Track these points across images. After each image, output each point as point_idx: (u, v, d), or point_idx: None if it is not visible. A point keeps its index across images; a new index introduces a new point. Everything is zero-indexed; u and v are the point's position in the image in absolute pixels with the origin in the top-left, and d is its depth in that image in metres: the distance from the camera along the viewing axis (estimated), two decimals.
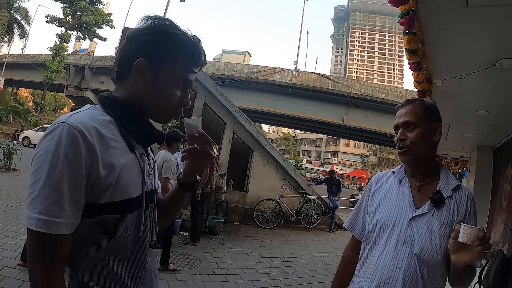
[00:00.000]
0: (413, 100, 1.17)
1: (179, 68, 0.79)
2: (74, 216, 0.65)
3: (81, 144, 0.64)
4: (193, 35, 0.81)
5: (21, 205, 5.07)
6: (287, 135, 61.70)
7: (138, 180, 0.77)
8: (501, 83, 1.93)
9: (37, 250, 0.64)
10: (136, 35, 0.78)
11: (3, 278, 2.64)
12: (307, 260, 5.00)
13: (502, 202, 2.89)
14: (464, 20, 1.43)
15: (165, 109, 0.81)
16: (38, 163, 0.64)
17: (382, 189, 1.21)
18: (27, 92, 44.26)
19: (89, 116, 0.71)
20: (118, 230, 0.72)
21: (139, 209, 0.77)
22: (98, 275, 0.71)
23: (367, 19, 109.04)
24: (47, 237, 0.62)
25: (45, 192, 0.62)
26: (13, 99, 29.80)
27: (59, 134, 0.64)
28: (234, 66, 21.87)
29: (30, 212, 0.62)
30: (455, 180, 1.11)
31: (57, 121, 0.67)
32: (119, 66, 0.80)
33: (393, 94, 19.82)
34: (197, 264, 3.95)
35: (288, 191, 7.43)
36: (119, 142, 0.73)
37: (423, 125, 1.11)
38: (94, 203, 0.68)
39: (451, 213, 1.05)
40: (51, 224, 0.62)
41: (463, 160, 5.56)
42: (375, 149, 49.01)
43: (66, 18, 24.37)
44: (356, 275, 1.18)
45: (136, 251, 0.78)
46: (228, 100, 6.94)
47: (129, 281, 0.76)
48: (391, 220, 1.10)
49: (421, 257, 1.03)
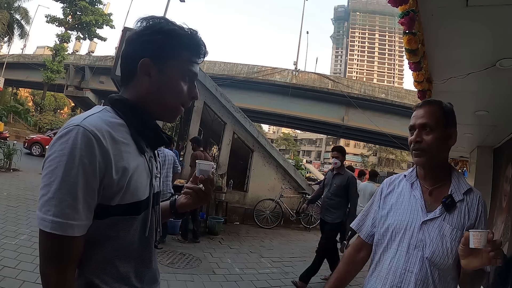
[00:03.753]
0: (432, 102, 1.15)
1: (182, 62, 0.80)
2: (87, 218, 0.66)
3: (96, 148, 0.65)
4: (190, 28, 0.82)
5: (21, 205, 5.07)
6: (287, 135, 61.68)
7: (147, 183, 0.79)
8: (501, 83, 1.93)
9: (50, 252, 0.65)
10: (135, 37, 0.78)
11: (3, 278, 2.64)
12: (307, 260, 4.97)
13: (502, 202, 2.89)
14: (464, 20, 1.43)
15: (175, 103, 0.82)
16: (52, 165, 0.64)
17: (394, 193, 1.21)
18: (27, 92, 44.22)
19: (102, 119, 0.71)
20: (126, 231, 0.74)
21: (146, 211, 0.79)
22: (105, 274, 0.72)
23: (367, 19, 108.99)
24: (61, 239, 0.63)
25: (60, 195, 0.63)
26: (13, 99, 29.78)
27: (74, 137, 0.64)
28: (234, 66, 21.85)
29: (43, 214, 0.63)
30: (466, 184, 1.11)
31: (70, 123, 0.67)
32: (123, 70, 0.81)
33: (393, 94, 19.82)
34: (197, 264, 3.95)
35: (288, 191, 7.43)
36: (130, 146, 0.74)
37: (440, 130, 1.09)
38: (105, 205, 0.69)
39: (462, 217, 1.05)
40: (66, 227, 0.63)
41: (463, 160, 5.56)
42: (375, 149, 49.02)
43: (66, 18, 24.34)
44: (369, 279, 1.19)
45: (142, 251, 0.80)
46: (228, 100, 6.94)
47: (135, 280, 0.78)
48: (403, 224, 1.10)
49: (432, 260, 1.03)
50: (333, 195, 3.85)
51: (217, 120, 7.05)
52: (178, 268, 3.66)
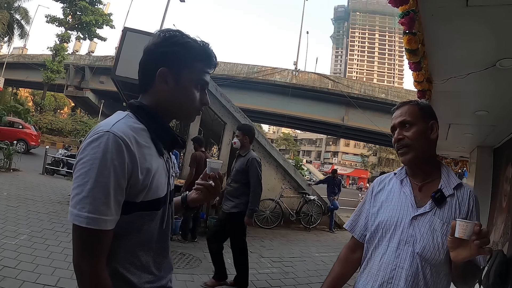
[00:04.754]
0: (407, 102, 1.19)
1: (196, 71, 0.89)
2: (117, 213, 0.75)
3: (125, 152, 0.74)
4: (202, 41, 0.91)
5: (21, 205, 5.07)
6: (287, 135, 61.72)
7: (165, 181, 0.88)
8: (501, 83, 1.93)
9: (85, 245, 0.73)
10: (153, 48, 0.87)
11: (3, 278, 2.64)
12: (307, 260, 5.00)
13: (502, 202, 2.89)
14: (464, 20, 1.43)
15: (190, 108, 0.91)
16: (85, 167, 0.72)
17: (384, 191, 1.22)
18: (27, 92, 44.26)
19: (127, 125, 0.79)
20: (148, 225, 0.83)
21: (164, 206, 0.88)
22: (129, 263, 0.81)
23: (367, 19, 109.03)
24: (96, 233, 0.71)
25: (94, 193, 0.70)
26: (13, 99, 29.74)
27: (105, 142, 0.72)
28: (234, 66, 21.86)
29: (78, 211, 0.71)
30: (456, 179, 1.11)
31: (99, 129, 0.76)
32: (141, 77, 0.90)
33: (393, 94, 19.84)
34: (197, 264, 3.95)
35: (288, 191, 7.43)
36: (151, 149, 0.83)
37: (419, 123, 1.12)
38: (131, 202, 0.78)
39: (453, 211, 1.05)
40: (100, 222, 0.71)
41: (463, 160, 5.56)
42: (375, 149, 49.01)
43: (66, 18, 24.35)
44: (360, 275, 1.19)
45: (160, 242, 0.89)
46: (228, 100, 6.94)
47: (154, 269, 0.87)
48: (393, 221, 1.11)
49: (423, 256, 1.03)
50: (232, 181, 3.31)
51: (217, 120, 7.05)
52: (178, 268, 3.66)
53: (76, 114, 32.74)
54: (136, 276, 0.82)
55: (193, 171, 4.66)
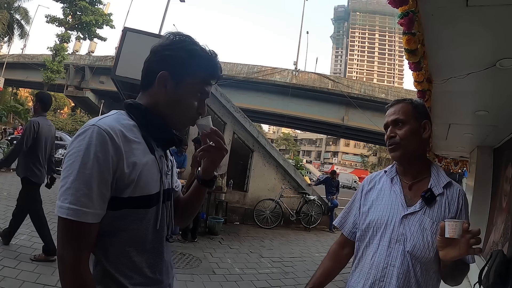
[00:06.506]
0: (401, 100, 1.20)
1: (198, 81, 0.87)
2: (101, 207, 0.73)
3: (109, 144, 0.73)
4: (211, 50, 0.89)
5: None
6: (287, 135, 61.74)
7: (157, 179, 0.84)
8: (501, 83, 1.93)
9: (67, 236, 0.72)
10: (160, 50, 0.86)
11: (3, 278, 2.64)
12: (307, 260, 5.00)
13: (502, 202, 2.89)
14: (464, 20, 1.43)
15: (182, 118, 0.89)
16: (70, 159, 0.72)
17: (374, 189, 1.23)
18: (27, 92, 44.25)
19: (115, 120, 0.79)
20: (138, 223, 0.80)
21: (157, 205, 0.85)
22: (120, 264, 0.79)
23: (367, 19, 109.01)
24: (76, 224, 0.70)
25: (76, 185, 0.70)
26: (13, 99, 29.80)
27: (90, 135, 0.72)
28: (234, 66, 21.85)
29: (61, 202, 0.70)
30: (446, 177, 1.13)
31: (87, 124, 0.76)
32: (143, 76, 0.88)
33: (393, 94, 19.80)
34: (197, 264, 3.95)
35: (288, 191, 7.43)
36: (141, 144, 0.81)
37: (412, 122, 1.13)
38: (118, 197, 0.76)
39: (442, 210, 1.07)
40: (80, 213, 0.70)
41: (463, 160, 5.56)
42: (375, 149, 49.03)
43: (66, 18, 24.31)
44: (352, 274, 1.20)
45: (154, 243, 0.85)
46: (228, 100, 6.95)
47: (148, 270, 0.83)
48: (383, 219, 1.12)
49: (413, 254, 1.04)
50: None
51: (217, 120, 7.05)
52: (178, 268, 3.66)
53: (76, 114, 32.76)
54: (127, 277, 0.79)
55: (194, 171, 4.68)
